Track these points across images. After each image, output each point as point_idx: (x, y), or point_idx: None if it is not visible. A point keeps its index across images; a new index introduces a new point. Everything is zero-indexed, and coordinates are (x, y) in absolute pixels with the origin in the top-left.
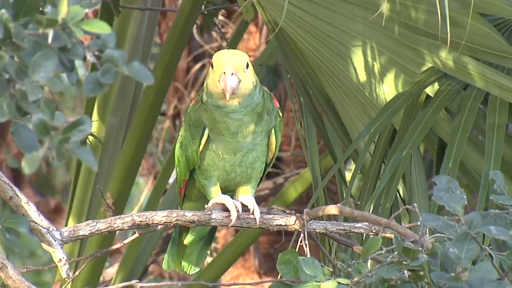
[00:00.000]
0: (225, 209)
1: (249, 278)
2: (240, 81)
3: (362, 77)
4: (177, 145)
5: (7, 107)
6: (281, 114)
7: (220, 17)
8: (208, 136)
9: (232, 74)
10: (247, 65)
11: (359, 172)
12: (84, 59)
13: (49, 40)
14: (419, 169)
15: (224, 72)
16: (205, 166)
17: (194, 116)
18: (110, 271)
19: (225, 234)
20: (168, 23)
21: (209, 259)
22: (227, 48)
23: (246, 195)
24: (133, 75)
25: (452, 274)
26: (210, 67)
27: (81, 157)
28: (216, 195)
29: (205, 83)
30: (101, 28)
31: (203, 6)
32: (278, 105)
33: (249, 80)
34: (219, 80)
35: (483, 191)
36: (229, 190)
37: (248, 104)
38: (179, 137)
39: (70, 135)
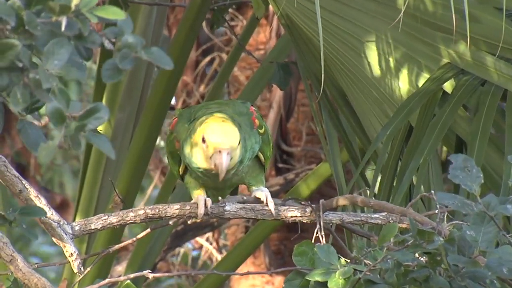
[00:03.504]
0: (240, 201)
1: (259, 276)
2: (231, 158)
3: (377, 72)
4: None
5: (21, 96)
6: (262, 131)
7: (230, 10)
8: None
9: (227, 153)
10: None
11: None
12: (100, 47)
13: (63, 28)
14: (435, 166)
15: (220, 151)
16: (187, 183)
17: (169, 147)
18: (118, 269)
19: (235, 231)
20: (177, 16)
21: (219, 257)
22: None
23: (258, 187)
24: (152, 60)
25: (470, 257)
26: (201, 140)
27: (99, 145)
28: (196, 196)
29: (188, 148)
30: (116, 14)
31: (213, 1)
32: (258, 122)
33: (238, 155)
34: (210, 157)
35: (504, 193)
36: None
37: (232, 170)
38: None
39: (86, 123)
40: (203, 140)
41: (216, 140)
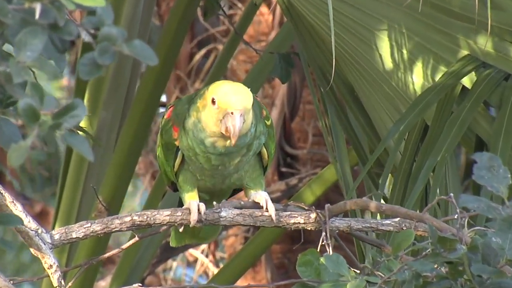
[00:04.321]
0: (237, 206)
1: None
2: (244, 122)
3: (389, 65)
4: (157, 152)
5: None
6: (268, 122)
7: None
8: (183, 158)
9: (240, 115)
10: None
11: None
12: (77, 38)
13: (36, 16)
14: (452, 169)
15: (232, 113)
16: (181, 182)
17: (165, 137)
18: (102, 284)
19: (233, 242)
20: (169, 3)
21: (215, 271)
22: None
23: (257, 191)
24: (134, 55)
25: (495, 267)
26: (210, 102)
27: (75, 146)
28: (188, 201)
29: (194, 115)
30: (95, 1)
31: None
32: (265, 113)
33: (250, 118)
34: (221, 120)
35: None
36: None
37: (242, 143)
38: (157, 147)
39: (61, 121)
40: (213, 102)
41: (228, 99)
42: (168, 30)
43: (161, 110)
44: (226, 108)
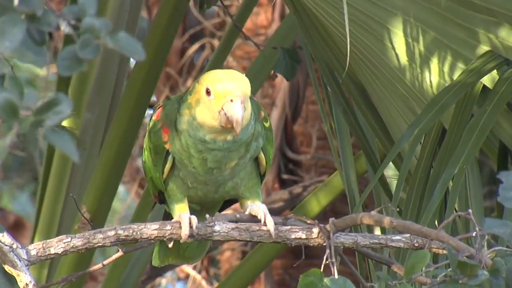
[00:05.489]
0: (232, 219)
1: None
2: (245, 110)
3: (403, 62)
4: (143, 157)
5: None
6: (267, 124)
7: None
8: (174, 163)
9: (241, 102)
10: None
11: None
12: (57, 29)
13: (15, 2)
14: (473, 176)
15: (232, 100)
16: (170, 191)
17: (154, 140)
18: None
19: (229, 257)
20: None
21: None
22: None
23: (254, 202)
24: (119, 49)
25: None
26: (204, 94)
27: (59, 144)
28: (178, 214)
29: (186, 113)
30: None
31: None
32: (263, 114)
33: (250, 107)
34: (219, 111)
35: None
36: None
37: (242, 137)
38: (143, 151)
39: (44, 118)
40: (208, 92)
41: (226, 86)
42: (157, 24)
43: (151, 111)
44: (224, 96)
